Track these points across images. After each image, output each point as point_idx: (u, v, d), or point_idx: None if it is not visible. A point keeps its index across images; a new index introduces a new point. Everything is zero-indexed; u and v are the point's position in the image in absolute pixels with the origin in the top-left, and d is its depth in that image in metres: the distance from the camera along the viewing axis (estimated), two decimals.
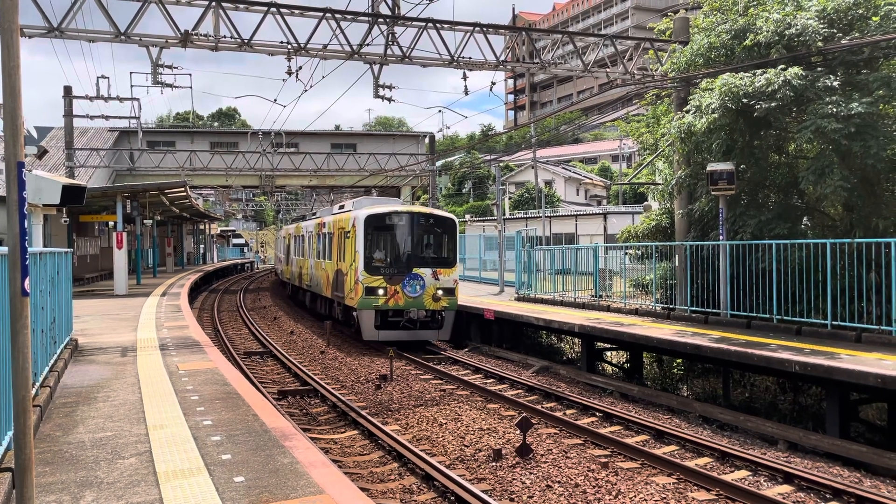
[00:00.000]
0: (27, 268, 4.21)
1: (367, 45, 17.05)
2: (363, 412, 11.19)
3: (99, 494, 5.06)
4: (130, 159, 40.42)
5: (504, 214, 42.62)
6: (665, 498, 7.78)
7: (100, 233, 40.53)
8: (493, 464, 8.88)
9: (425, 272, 17.75)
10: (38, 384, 7.79)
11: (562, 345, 19.43)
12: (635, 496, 7.79)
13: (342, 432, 10.68)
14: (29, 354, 4.24)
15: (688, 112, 15.03)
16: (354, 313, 18.14)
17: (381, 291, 17.47)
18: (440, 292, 17.75)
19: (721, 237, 14.74)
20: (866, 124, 12.70)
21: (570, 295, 20.36)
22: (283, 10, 16.19)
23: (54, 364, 9.39)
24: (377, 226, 18.04)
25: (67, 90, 31.27)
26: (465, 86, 19.57)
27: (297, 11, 16.43)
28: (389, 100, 18.63)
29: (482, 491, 7.70)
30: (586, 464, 8.88)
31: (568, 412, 11.92)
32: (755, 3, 15.56)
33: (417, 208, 19.24)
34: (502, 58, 18.63)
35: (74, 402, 7.97)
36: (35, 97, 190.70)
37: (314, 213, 29.67)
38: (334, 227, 21.11)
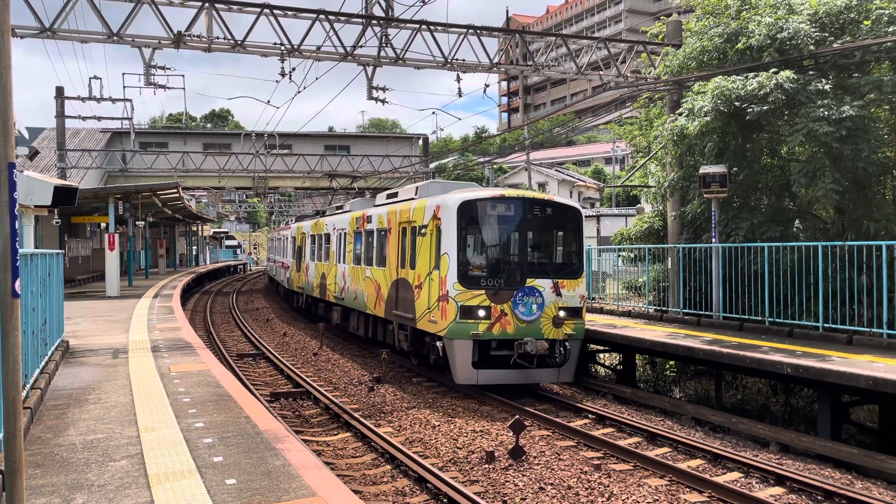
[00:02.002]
0: (18, 269, 4.18)
1: (361, 46, 17.06)
2: (356, 414, 11.17)
3: (90, 497, 5.03)
4: (123, 160, 40.33)
5: None
6: (658, 500, 7.79)
7: (92, 234, 40.38)
8: (486, 466, 8.87)
9: (543, 285, 12.49)
10: (28, 386, 7.74)
11: None
12: (628, 498, 7.80)
13: (335, 434, 10.66)
14: (19, 356, 4.22)
15: (680, 115, 15.09)
16: (438, 343, 12.74)
17: (481, 313, 12.13)
18: (563, 313, 12.52)
19: (714, 239, 14.79)
20: (857, 127, 12.77)
21: None
22: (276, 11, 16.18)
23: (45, 366, 9.34)
24: (473, 218, 12.74)
25: (59, 91, 31.18)
26: (459, 88, 19.61)
27: (290, 13, 16.42)
28: (383, 101, 18.63)
29: (475, 493, 7.69)
30: (579, 466, 8.88)
31: (561, 414, 11.92)
32: (747, 6, 15.65)
33: (530, 193, 13.75)
34: (496, 60, 18.67)
35: (65, 404, 7.93)
36: (29, 98, 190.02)
37: (340, 207, 23.59)
38: (392, 221, 15.54)
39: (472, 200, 12.71)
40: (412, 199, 15.21)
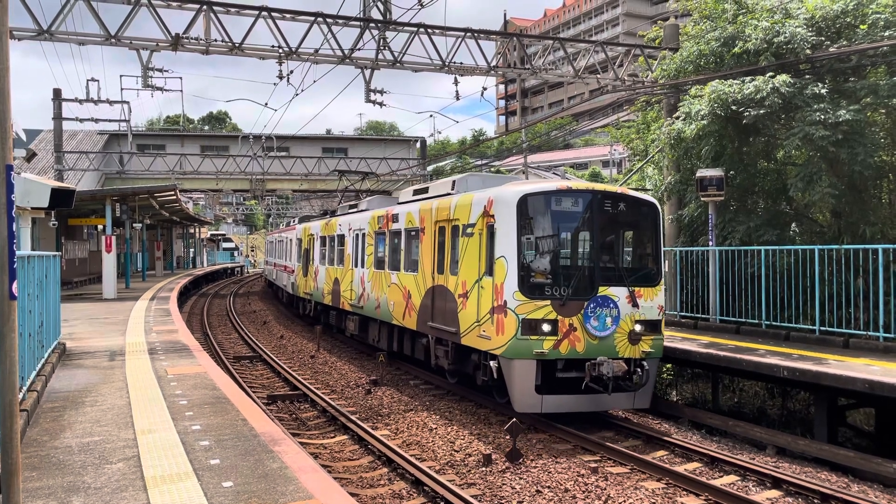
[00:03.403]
0: (15, 271, 4.19)
1: (359, 49, 17.12)
2: (353, 417, 11.16)
3: (86, 500, 5.03)
4: (120, 162, 40.33)
5: None
6: (655, 502, 7.79)
7: (89, 236, 40.32)
8: (483, 469, 8.87)
9: (618, 293, 10.69)
10: (25, 388, 7.73)
11: None
12: (625, 501, 7.81)
13: (332, 437, 10.65)
14: (16, 358, 4.22)
15: (677, 118, 15.14)
16: (492, 363, 10.83)
17: (546, 327, 10.30)
18: (639, 327, 10.73)
19: (710, 243, 14.82)
20: (854, 131, 12.83)
21: None
22: (274, 13, 16.21)
23: (42, 368, 9.33)
24: (536, 214, 10.83)
25: (57, 93, 31.17)
26: (457, 91, 19.64)
27: (288, 15, 16.46)
28: (381, 104, 18.67)
29: (472, 496, 7.69)
30: (576, 469, 8.88)
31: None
32: (744, 11, 15.71)
33: (601, 186, 11.90)
34: (494, 63, 18.72)
35: (62, 407, 7.92)
36: (27, 99, 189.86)
37: (355, 206, 21.30)
38: (425, 220, 13.65)
39: (535, 194, 10.81)
40: (449, 194, 13.33)
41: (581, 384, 10.34)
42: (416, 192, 15.83)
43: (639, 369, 10.73)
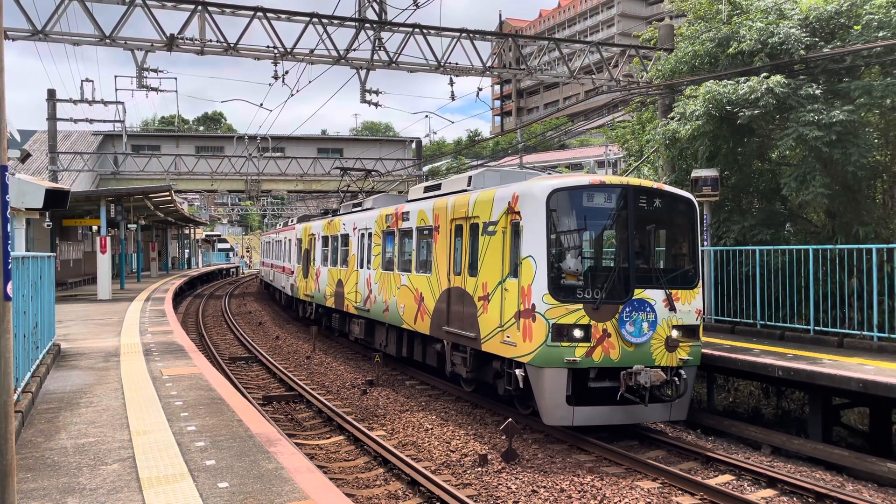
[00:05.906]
0: (10, 272, 4.18)
1: (354, 50, 17.12)
2: (349, 417, 11.16)
3: (81, 501, 5.02)
4: (115, 163, 40.23)
5: None
6: (650, 502, 7.81)
7: (83, 237, 40.21)
8: (479, 469, 8.88)
9: (654, 296, 9.95)
10: (19, 389, 7.71)
11: None
12: (620, 501, 7.82)
13: (328, 438, 10.65)
14: (11, 359, 4.22)
15: (672, 119, 15.18)
16: (517, 372, 10.07)
17: (578, 333, 9.55)
18: (676, 333, 10.03)
19: (705, 243, 14.85)
20: (847, 132, 12.88)
21: None
22: (269, 14, 16.21)
23: (36, 369, 9.30)
24: (567, 211, 10.13)
25: (51, 93, 31.08)
26: (452, 91, 19.65)
27: (283, 16, 16.46)
28: (376, 105, 18.67)
29: (468, 496, 7.70)
30: (572, 469, 8.90)
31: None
32: (738, 11, 15.76)
33: (635, 181, 10.83)
34: (489, 64, 18.74)
35: (57, 408, 7.90)
36: (24, 100, 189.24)
37: (358, 204, 20.24)
38: (440, 217, 12.86)
39: (566, 188, 10.02)
40: (465, 190, 12.58)
41: (612, 394, 9.69)
42: (427, 189, 15.04)
43: (676, 378, 10.02)
